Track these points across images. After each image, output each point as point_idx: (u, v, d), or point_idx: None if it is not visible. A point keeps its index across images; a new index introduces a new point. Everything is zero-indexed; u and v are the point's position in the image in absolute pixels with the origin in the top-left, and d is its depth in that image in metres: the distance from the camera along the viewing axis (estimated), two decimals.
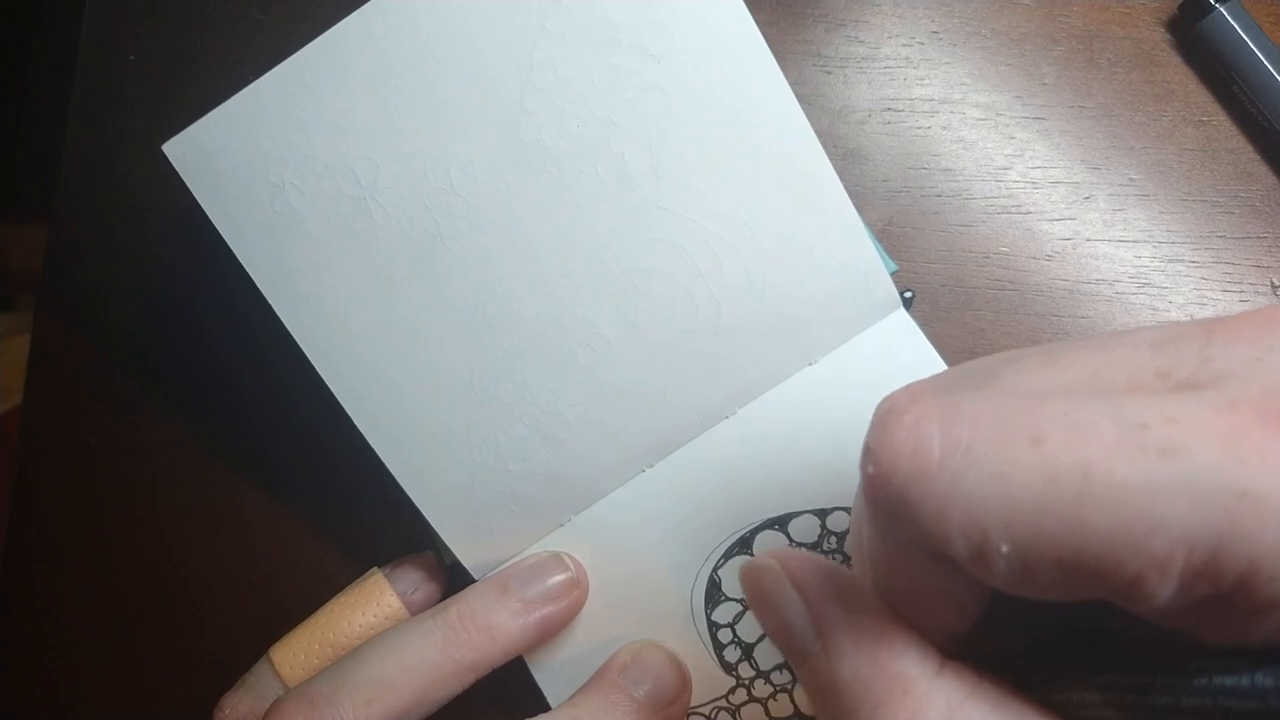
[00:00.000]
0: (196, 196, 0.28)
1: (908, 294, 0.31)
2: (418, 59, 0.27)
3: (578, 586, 0.29)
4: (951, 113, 0.33)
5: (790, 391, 0.30)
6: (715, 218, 0.28)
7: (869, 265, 0.29)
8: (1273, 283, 0.32)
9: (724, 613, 0.29)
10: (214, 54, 0.35)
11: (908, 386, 0.19)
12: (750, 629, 0.29)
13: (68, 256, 0.36)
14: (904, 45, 0.33)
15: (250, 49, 0.28)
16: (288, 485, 0.34)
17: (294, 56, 0.27)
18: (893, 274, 0.29)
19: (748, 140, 0.28)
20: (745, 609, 0.29)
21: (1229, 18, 0.31)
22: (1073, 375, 0.17)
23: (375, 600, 0.30)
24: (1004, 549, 0.15)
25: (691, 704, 0.29)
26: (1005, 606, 0.17)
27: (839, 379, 0.29)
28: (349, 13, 0.27)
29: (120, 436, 0.35)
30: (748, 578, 0.21)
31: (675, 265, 0.28)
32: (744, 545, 0.29)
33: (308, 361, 0.28)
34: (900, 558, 0.18)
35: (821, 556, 0.21)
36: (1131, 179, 0.32)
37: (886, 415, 0.17)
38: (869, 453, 0.17)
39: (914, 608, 0.18)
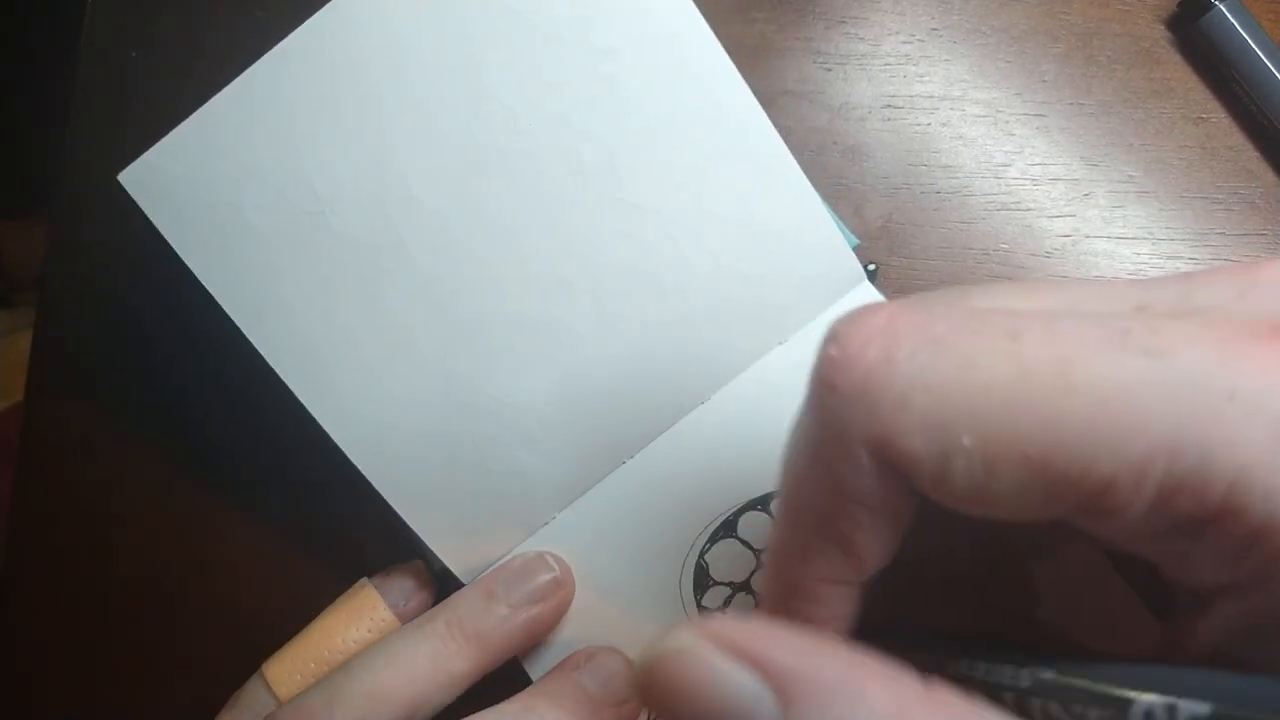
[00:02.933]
0: (155, 223, 0.28)
1: (870, 267, 0.31)
2: (366, 70, 0.27)
3: (563, 586, 0.29)
4: (951, 109, 0.33)
5: (763, 372, 0.30)
6: (674, 207, 0.28)
7: (830, 241, 0.29)
8: None
9: (714, 597, 0.29)
10: (215, 51, 0.35)
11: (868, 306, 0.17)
12: (741, 611, 0.29)
13: (68, 256, 0.36)
14: (904, 42, 0.33)
15: (251, 46, 0.28)
16: (290, 484, 0.34)
17: (241, 76, 0.27)
18: (854, 248, 0.30)
19: (700, 126, 0.28)
20: (735, 592, 0.29)
21: (1228, 15, 0.31)
22: (1048, 303, 0.16)
23: (368, 614, 0.30)
24: (967, 442, 0.14)
25: None
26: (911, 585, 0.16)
27: (809, 356, 0.29)
28: None
29: (121, 435, 0.35)
30: (655, 679, 0.15)
31: (639, 256, 0.29)
32: (728, 528, 0.29)
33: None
34: (834, 462, 0.16)
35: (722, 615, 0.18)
36: (1131, 176, 0.32)
37: (858, 311, 0.16)
38: (833, 335, 0.15)
39: (831, 532, 0.16)
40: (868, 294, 0.30)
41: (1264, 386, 0.13)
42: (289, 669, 0.30)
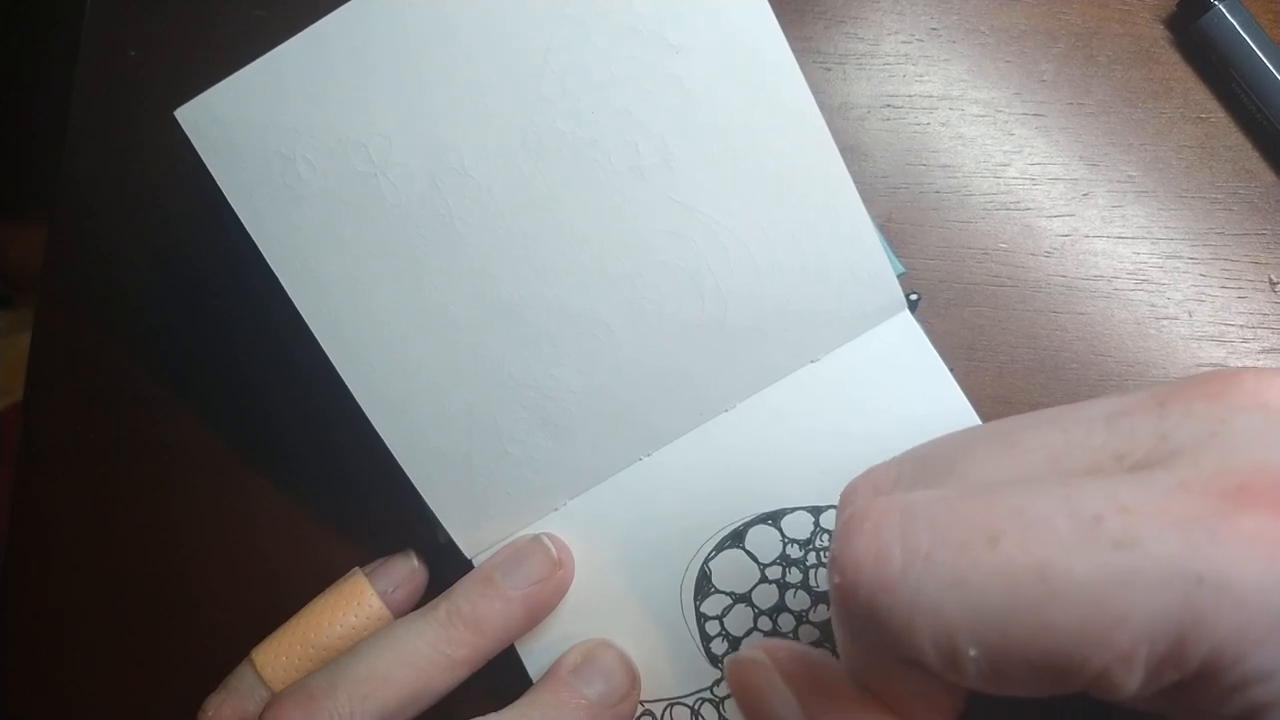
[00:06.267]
0: (207, 164, 0.27)
1: (913, 296, 0.31)
2: (438, 37, 0.27)
3: (561, 566, 0.29)
4: (950, 109, 0.33)
5: (791, 388, 0.30)
6: (726, 212, 0.28)
7: (877, 268, 0.29)
8: (1270, 279, 0.32)
9: (713, 605, 0.29)
10: (216, 52, 0.35)
11: (869, 476, 0.19)
12: (738, 622, 0.29)
13: (68, 254, 0.36)
14: (903, 42, 0.33)
15: (252, 46, 0.28)
16: (291, 484, 0.34)
17: (313, 26, 0.27)
18: (900, 276, 0.30)
19: (763, 137, 0.28)
20: (734, 602, 0.29)
21: (1228, 15, 0.31)
22: (1030, 462, 0.17)
23: (356, 601, 0.30)
24: (973, 653, 0.16)
25: (676, 694, 0.29)
26: (989, 700, 0.17)
27: (840, 378, 0.29)
28: None
29: (122, 434, 0.35)
30: (734, 671, 0.21)
31: (683, 257, 0.28)
32: (736, 538, 0.29)
33: (315, 347, 0.28)
34: (876, 661, 0.18)
35: (803, 646, 0.21)
36: (1130, 175, 0.32)
37: (848, 522, 0.17)
38: (834, 562, 0.17)
39: (895, 709, 0.18)
40: (906, 324, 0.29)
41: (1229, 567, 0.14)
42: (277, 654, 0.30)
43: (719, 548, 0.29)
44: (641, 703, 0.30)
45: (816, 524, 0.29)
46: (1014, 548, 0.15)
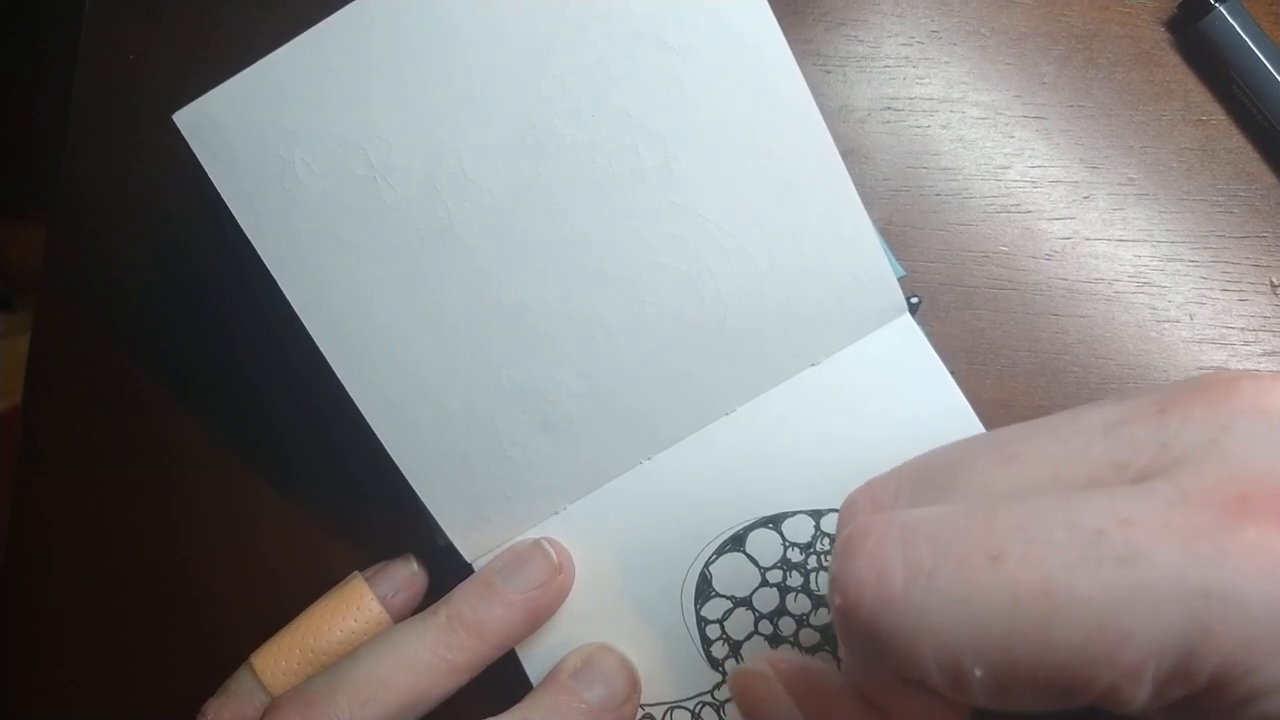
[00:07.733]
0: (206, 168, 0.27)
1: (914, 300, 0.31)
2: (438, 38, 0.27)
3: (562, 571, 0.29)
4: (951, 112, 0.33)
5: (791, 391, 0.30)
6: (726, 215, 0.28)
7: (877, 271, 0.29)
8: (1272, 282, 0.32)
9: (713, 609, 0.29)
10: (215, 52, 0.35)
11: (869, 489, 0.19)
12: (738, 626, 0.29)
13: (68, 254, 0.36)
14: (903, 44, 0.33)
15: (251, 47, 0.28)
16: (291, 485, 0.34)
17: (312, 30, 0.27)
18: (900, 279, 0.30)
19: (763, 139, 0.28)
20: (735, 606, 0.29)
21: (1228, 17, 0.31)
22: (1031, 475, 0.17)
23: (356, 605, 0.30)
24: (978, 673, 0.15)
25: (676, 698, 0.29)
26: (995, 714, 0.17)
27: (841, 381, 0.29)
28: None
29: (122, 434, 0.35)
30: (739, 683, 0.21)
31: (684, 260, 0.28)
32: (737, 542, 0.29)
33: (314, 349, 0.28)
34: (880, 680, 0.18)
35: (806, 657, 0.21)
36: (1131, 178, 0.32)
37: (848, 540, 0.17)
38: (835, 582, 0.17)
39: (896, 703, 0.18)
40: (907, 327, 0.29)
41: (1235, 580, 0.14)
42: (276, 658, 0.30)
43: (719, 551, 0.29)
44: (642, 706, 0.30)
45: (817, 527, 0.29)
46: (1017, 565, 0.15)
